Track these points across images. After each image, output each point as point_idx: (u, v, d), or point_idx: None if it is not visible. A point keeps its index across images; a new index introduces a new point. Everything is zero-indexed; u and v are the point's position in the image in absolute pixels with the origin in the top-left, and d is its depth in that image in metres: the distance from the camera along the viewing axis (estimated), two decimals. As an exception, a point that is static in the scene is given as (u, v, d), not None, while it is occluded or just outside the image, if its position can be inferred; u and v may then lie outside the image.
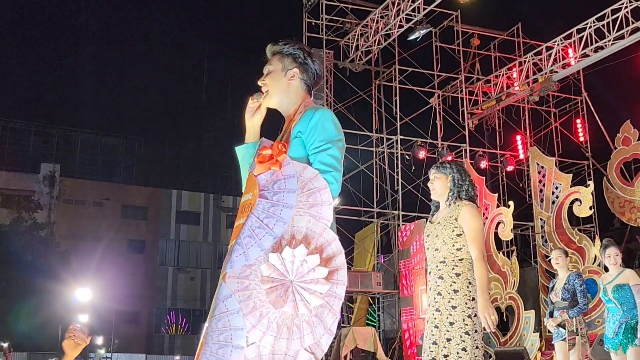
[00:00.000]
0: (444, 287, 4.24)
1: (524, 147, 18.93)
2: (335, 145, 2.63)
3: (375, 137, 18.28)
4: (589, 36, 15.03)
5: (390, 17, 16.20)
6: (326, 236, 2.49)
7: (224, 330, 2.38)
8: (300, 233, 2.47)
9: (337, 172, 2.61)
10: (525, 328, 14.40)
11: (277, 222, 2.46)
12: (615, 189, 15.13)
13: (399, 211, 17.22)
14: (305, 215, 2.49)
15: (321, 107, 2.75)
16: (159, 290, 35.16)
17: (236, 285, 2.43)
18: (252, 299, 2.40)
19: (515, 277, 14.93)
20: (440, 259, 4.29)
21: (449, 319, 4.12)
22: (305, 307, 2.38)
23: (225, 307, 2.40)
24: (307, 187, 2.52)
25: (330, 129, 2.65)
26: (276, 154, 2.54)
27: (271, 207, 2.50)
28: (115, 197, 35.15)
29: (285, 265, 2.40)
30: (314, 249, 2.45)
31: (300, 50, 2.86)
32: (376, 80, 18.76)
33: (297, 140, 2.64)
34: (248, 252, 2.46)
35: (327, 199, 2.52)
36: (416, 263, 15.46)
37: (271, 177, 2.55)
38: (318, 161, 2.59)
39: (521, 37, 19.64)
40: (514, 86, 17.57)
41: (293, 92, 2.82)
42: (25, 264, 23.47)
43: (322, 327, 2.41)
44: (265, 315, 2.38)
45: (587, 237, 14.87)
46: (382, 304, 17.94)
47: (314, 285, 2.40)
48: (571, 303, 6.60)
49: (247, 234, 2.49)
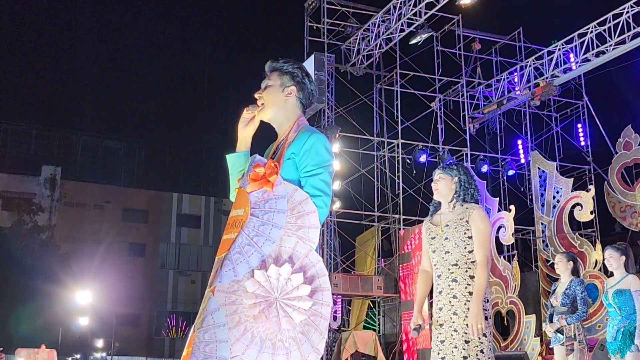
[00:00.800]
0: (459, 290, 4.21)
1: (525, 151, 18.94)
2: (326, 170, 2.73)
3: (376, 140, 18.28)
4: (591, 41, 15.04)
5: (392, 21, 16.22)
6: (311, 258, 2.59)
7: (210, 342, 2.47)
8: (287, 253, 2.58)
9: (327, 197, 2.71)
10: (526, 332, 14.40)
11: (265, 241, 2.57)
12: (616, 193, 15.13)
13: (399, 215, 17.21)
14: (293, 236, 2.60)
15: (315, 130, 2.84)
16: (160, 293, 35.16)
17: (224, 299, 2.52)
18: (238, 314, 2.50)
19: (516, 281, 14.93)
20: (453, 262, 4.28)
21: (465, 321, 4.12)
22: (288, 322, 2.48)
23: (212, 319, 2.50)
24: (297, 209, 2.63)
25: (323, 154, 2.74)
26: (268, 174, 2.64)
27: (261, 225, 2.60)
28: (116, 200, 35.17)
29: (271, 282, 2.51)
30: (299, 269, 2.56)
31: (299, 70, 2.96)
32: (377, 84, 18.77)
33: (289, 161, 2.74)
34: (237, 267, 2.55)
35: (314, 222, 2.62)
36: (415, 265, 15.44)
37: (263, 195, 2.65)
38: (310, 185, 2.69)
39: (522, 41, 19.66)
40: (515, 90, 17.58)
41: (289, 108, 2.92)
42: (26, 266, 23.47)
43: (309, 345, 2.50)
44: (249, 330, 2.48)
45: (588, 242, 14.86)
46: (382, 308, 17.92)
47: (297, 302, 2.50)
48: (570, 309, 6.57)
49: (237, 250, 2.59)
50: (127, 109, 46.83)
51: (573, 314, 6.53)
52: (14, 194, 31.33)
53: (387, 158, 17.95)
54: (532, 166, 16.76)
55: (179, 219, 36.67)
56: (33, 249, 24.93)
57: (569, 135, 18.92)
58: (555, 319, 6.64)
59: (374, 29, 16.89)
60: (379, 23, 16.71)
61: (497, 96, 18.14)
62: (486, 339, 4.09)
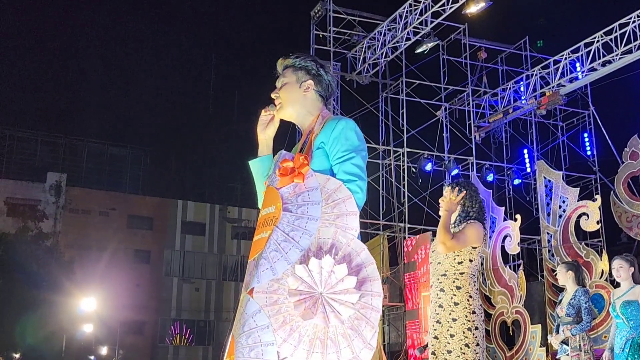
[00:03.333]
0: (445, 300, 4.33)
1: (530, 160, 18.89)
2: (358, 155, 2.63)
3: (381, 149, 18.26)
4: (597, 50, 15.02)
5: (398, 30, 16.23)
6: (354, 246, 2.47)
7: (255, 346, 2.34)
8: (327, 244, 2.44)
9: (362, 181, 2.60)
10: (531, 342, 14.32)
11: (303, 235, 2.44)
12: (622, 203, 15.06)
13: (405, 224, 17.17)
14: (331, 226, 2.47)
15: (343, 117, 2.75)
16: (164, 300, 35.11)
17: (264, 300, 2.39)
18: (282, 313, 2.37)
19: (522, 291, 14.86)
20: (442, 272, 4.38)
21: (449, 331, 4.18)
22: (336, 318, 2.33)
23: (254, 322, 2.37)
24: (331, 198, 2.50)
25: (352, 139, 2.66)
26: (298, 167, 2.52)
27: (296, 219, 2.47)
28: (121, 207, 35.17)
29: (313, 277, 2.36)
30: (342, 259, 2.41)
31: (313, 62, 2.86)
32: (383, 93, 18.76)
33: (319, 151, 2.63)
34: (275, 266, 2.42)
35: (352, 209, 2.51)
36: (421, 276, 15.40)
37: (294, 189, 2.53)
38: (342, 171, 2.58)
39: (528, 50, 19.65)
40: (521, 99, 17.55)
41: (309, 103, 2.82)
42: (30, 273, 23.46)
43: (361, 341, 2.36)
44: (296, 329, 2.35)
45: (594, 252, 14.79)
46: (387, 316, 17.87)
47: (343, 295, 2.35)
48: (575, 319, 6.54)
49: (273, 247, 2.45)
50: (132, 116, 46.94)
51: (578, 325, 6.50)
52: (19, 201, 31.37)
53: (393, 166, 17.93)
54: (538, 175, 16.70)
55: (183, 227, 36.64)
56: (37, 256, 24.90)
57: (575, 145, 18.88)
58: (561, 330, 6.61)
59: (380, 37, 16.90)
60: (385, 32, 16.72)
61: (503, 105, 18.11)
62: (469, 350, 4.14)
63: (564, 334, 6.52)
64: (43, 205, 31.46)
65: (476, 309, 4.23)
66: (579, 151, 18.71)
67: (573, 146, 18.91)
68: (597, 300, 13.74)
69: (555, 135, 19.28)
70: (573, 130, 19.17)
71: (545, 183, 16.32)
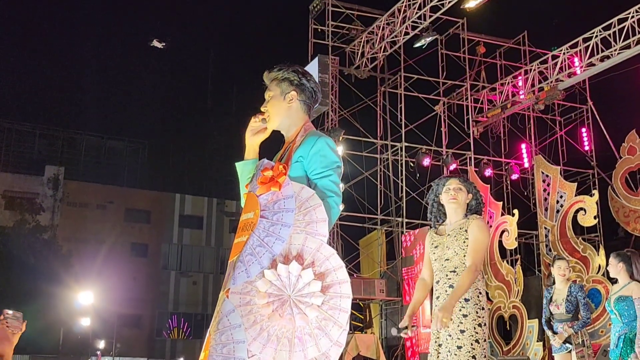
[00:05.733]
0: None
1: (528, 155, 18.90)
2: (335, 172, 2.82)
3: (379, 144, 18.26)
4: (595, 45, 15.01)
5: (397, 24, 16.20)
6: (323, 252, 2.62)
7: (227, 343, 2.51)
8: (295, 250, 2.61)
9: (338, 197, 2.79)
10: (528, 337, 14.37)
11: (276, 241, 2.61)
12: (620, 198, 15.10)
13: (402, 218, 17.19)
14: (302, 233, 2.63)
15: (321, 134, 2.91)
16: (162, 294, 35.13)
17: (238, 300, 2.57)
18: (253, 314, 2.54)
19: (519, 285, 14.90)
20: (451, 269, 4.34)
21: (459, 327, 4.16)
22: (302, 319, 2.51)
23: (228, 321, 2.54)
24: (304, 206, 2.67)
25: (330, 157, 2.83)
26: (276, 175, 2.70)
27: (271, 226, 2.65)
28: (118, 201, 35.14)
29: (282, 280, 2.54)
30: (310, 264, 2.58)
31: (294, 73, 3.01)
32: (381, 87, 18.75)
33: (297, 164, 2.82)
34: (249, 269, 2.60)
35: (321, 216, 2.66)
36: (419, 270, 15.40)
37: (272, 197, 2.70)
38: (320, 186, 2.76)
39: (527, 45, 19.64)
40: (519, 94, 17.55)
41: (294, 114, 3.00)
42: (28, 266, 23.47)
43: (328, 340, 2.53)
44: (265, 329, 2.51)
45: (591, 247, 14.84)
46: (385, 311, 17.89)
47: (309, 298, 2.53)
48: (574, 315, 6.54)
49: (249, 252, 2.63)
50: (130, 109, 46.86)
51: (578, 321, 6.50)
52: (17, 194, 31.31)
53: (391, 161, 17.93)
54: (536, 170, 16.73)
55: (181, 220, 36.63)
56: (35, 249, 24.91)
57: (573, 140, 18.88)
58: (560, 327, 6.59)
59: (378, 31, 16.88)
60: (383, 26, 16.69)
61: (501, 100, 18.12)
62: (479, 345, 4.12)
63: (565, 332, 6.50)
64: (41, 199, 31.43)
65: (484, 304, 4.23)
66: (577, 146, 18.72)
67: (571, 141, 18.92)
68: (594, 295, 13.79)
69: (554, 130, 19.29)
70: (571, 125, 19.18)
71: (543, 178, 16.35)
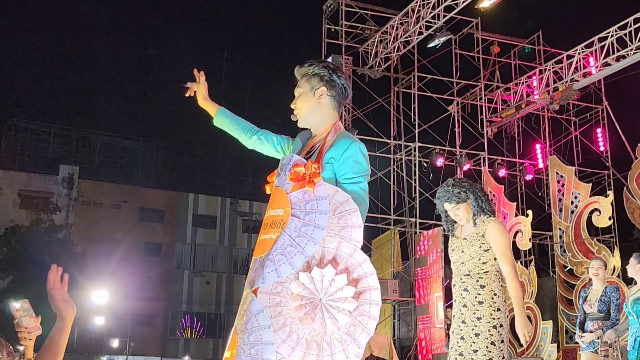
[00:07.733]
0: (469, 299, 4.30)
1: (543, 155, 18.78)
2: (365, 180, 2.83)
3: (393, 144, 18.22)
4: (611, 45, 14.90)
5: (410, 24, 16.16)
6: (357, 257, 2.58)
7: (255, 344, 2.47)
8: (330, 254, 2.55)
9: (366, 205, 2.80)
10: (542, 339, 14.29)
11: (308, 242, 2.54)
12: (635, 199, 14.97)
13: (416, 219, 17.14)
14: (336, 237, 2.57)
15: (354, 138, 2.89)
16: (175, 293, 35.24)
17: (268, 301, 2.52)
18: (283, 315, 2.50)
19: (533, 287, 14.81)
20: (465, 272, 4.35)
21: (474, 330, 4.16)
22: (333, 324, 2.47)
23: (257, 321, 2.50)
24: (338, 209, 2.61)
25: (362, 163, 2.83)
26: (310, 175, 2.63)
27: (303, 226, 2.57)
28: (132, 200, 35.29)
29: (315, 284, 2.49)
30: (343, 269, 2.53)
31: (325, 69, 2.96)
32: (395, 87, 18.70)
33: (328, 165, 2.78)
34: (280, 269, 2.53)
35: (357, 222, 2.63)
36: (434, 272, 15.35)
37: (303, 196, 2.63)
38: (349, 192, 2.72)
39: (542, 45, 19.52)
40: (533, 94, 17.45)
41: (324, 110, 2.96)
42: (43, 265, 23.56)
43: (355, 346, 2.52)
44: (295, 332, 2.47)
45: (606, 248, 14.74)
46: (398, 311, 17.85)
47: (341, 303, 2.48)
48: (606, 316, 6.57)
49: (279, 251, 2.56)
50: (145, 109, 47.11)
51: (608, 321, 6.52)
52: (32, 193, 31.53)
53: (404, 161, 17.88)
54: (551, 171, 16.63)
55: (194, 220, 36.72)
56: (50, 248, 25.03)
57: (588, 140, 18.75)
58: (590, 325, 6.60)
59: (392, 31, 16.83)
60: (397, 26, 16.65)
61: (516, 100, 18.02)
62: (495, 347, 4.13)
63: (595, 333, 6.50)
64: (56, 198, 31.62)
65: (500, 306, 4.22)
66: (592, 146, 18.59)
67: (586, 141, 18.79)
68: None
69: (568, 131, 19.16)
70: (586, 125, 19.05)
71: (557, 178, 16.26)
